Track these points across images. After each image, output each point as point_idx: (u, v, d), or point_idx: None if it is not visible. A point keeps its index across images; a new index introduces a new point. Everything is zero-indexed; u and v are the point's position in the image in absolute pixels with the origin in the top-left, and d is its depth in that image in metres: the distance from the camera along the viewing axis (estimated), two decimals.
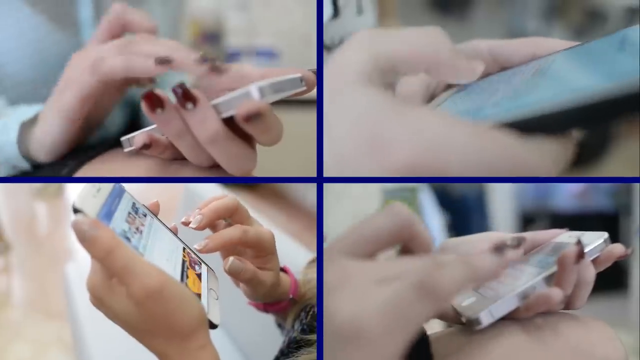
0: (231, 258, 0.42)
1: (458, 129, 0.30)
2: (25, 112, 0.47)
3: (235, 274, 0.43)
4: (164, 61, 0.41)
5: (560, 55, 0.35)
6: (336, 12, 0.51)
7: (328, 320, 0.26)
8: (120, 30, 0.46)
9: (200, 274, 0.40)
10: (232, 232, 0.42)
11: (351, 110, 0.31)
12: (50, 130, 0.45)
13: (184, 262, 0.38)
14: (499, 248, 0.28)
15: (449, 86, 0.40)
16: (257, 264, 0.44)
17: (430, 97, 0.40)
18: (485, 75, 0.38)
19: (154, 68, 0.41)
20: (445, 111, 0.36)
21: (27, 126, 0.46)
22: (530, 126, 0.30)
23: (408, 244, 0.32)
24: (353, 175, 0.31)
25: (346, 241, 0.30)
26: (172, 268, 0.37)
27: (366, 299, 0.26)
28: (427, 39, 0.34)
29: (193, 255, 0.41)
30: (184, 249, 0.40)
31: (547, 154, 0.30)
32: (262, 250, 0.44)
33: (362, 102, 0.31)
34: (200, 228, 0.42)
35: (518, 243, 0.30)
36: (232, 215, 0.44)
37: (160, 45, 0.43)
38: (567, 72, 0.32)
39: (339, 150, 0.31)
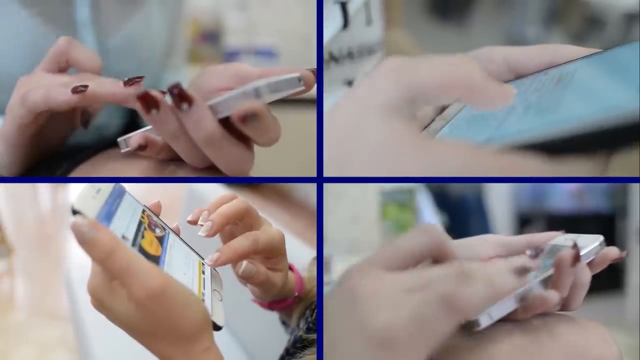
0: (244, 262, 0.41)
1: (478, 158, 0.30)
2: None
3: (248, 278, 0.42)
4: (79, 89, 0.40)
5: (582, 64, 0.34)
6: (346, 23, 0.51)
7: (362, 327, 0.28)
8: (66, 65, 0.45)
9: (163, 236, 0.38)
10: (243, 243, 0.40)
11: (372, 139, 0.31)
12: None
13: (141, 222, 0.37)
14: (522, 271, 0.30)
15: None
16: (268, 265, 0.44)
17: (440, 110, 0.40)
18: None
19: (69, 97, 0.40)
20: (456, 126, 0.36)
21: None
22: (559, 147, 0.29)
23: (438, 262, 0.34)
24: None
25: (381, 256, 0.32)
26: (191, 282, 0.36)
27: (397, 308, 0.28)
28: (458, 67, 0.33)
29: (154, 218, 0.40)
30: (143, 210, 0.39)
31: (574, 174, 0.30)
32: (273, 253, 0.43)
33: (385, 131, 0.31)
34: (211, 235, 0.40)
35: (536, 256, 0.32)
36: (242, 219, 0.42)
37: (90, 79, 0.42)
38: (595, 84, 0.31)
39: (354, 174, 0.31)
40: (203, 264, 0.41)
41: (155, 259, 0.34)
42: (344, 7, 0.50)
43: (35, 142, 0.45)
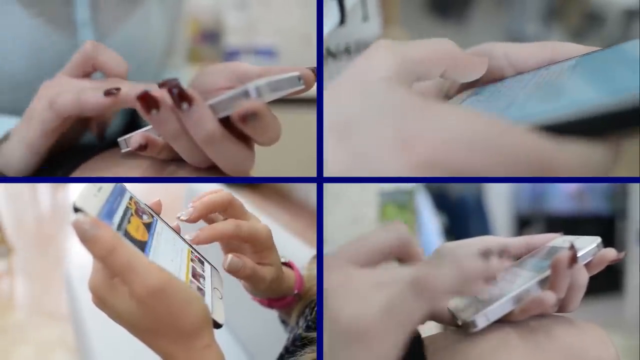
0: (229, 256, 0.42)
1: (482, 122, 0.30)
2: (3, 123, 0.46)
3: (234, 272, 0.43)
4: (111, 92, 0.40)
5: (584, 59, 0.34)
6: (343, 19, 0.51)
7: (331, 322, 0.28)
8: (91, 69, 0.45)
9: (150, 223, 0.39)
10: (224, 226, 0.42)
11: (380, 108, 0.31)
12: (15, 157, 0.44)
13: (127, 208, 0.37)
14: (486, 253, 0.31)
15: (461, 89, 0.40)
16: (256, 259, 0.44)
17: (444, 100, 0.40)
18: (502, 78, 0.38)
19: (102, 100, 0.40)
20: None
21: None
22: (562, 129, 0.29)
23: (403, 261, 0.35)
24: (374, 172, 0.31)
25: (349, 251, 0.33)
26: (178, 269, 0.37)
27: (365, 301, 0.28)
28: (440, 44, 0.35)
29: (141, 205, 0.40)
30: (130, 197, 0.39)
31: (580, 157, 0.29)
32: (258, 245, 0.44)
33: (389, 97, 0.31)
34: (191, 221, 0.41)
35: (501, 251, 0.32)
36: (226, 210, 0.43)
37: (118, 84, 0.42)
38: (600, 72, 0.31)
39: (362, 147, 0.31)
40: (202, 261, 0.41)
41: (142, 245, 0.35)
42: (341, 3, 0.50)
43: (51, 148, 0.45)
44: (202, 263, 0.41)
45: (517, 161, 0.29)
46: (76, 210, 0.32)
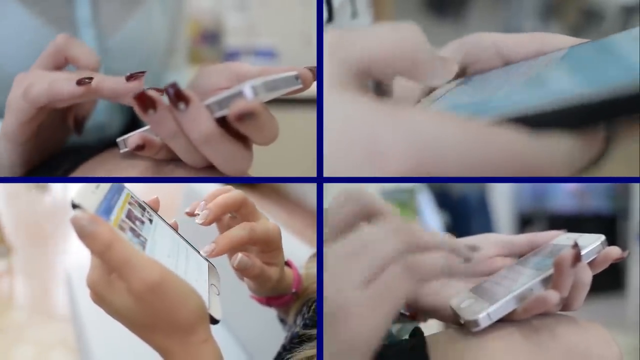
0: (239, 255, 0.42)
1: (453, 126, 0.28)
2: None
3: (243, 271, 0.43)
4: (83, 81, 0.40)
5: (573, 49, 0.33)
6: (331, 16, 0.50)
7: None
8: (63, 62, 0.45)
9: (149, 220, 0.39)
10: (239, 233, 0.41)
11: (335, 118, 0.30)
12: (0, 152, 0.44)
13: (125, 205, 0.37)
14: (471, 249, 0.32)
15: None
16: (264, 259, 0.44)
17: (428, 91, 0.38)
18: (489, 69, 0.37)
19: (75, 89, 0.40)
20: (444, 105, 0.35)
21: None
22: (542, 120, 0.28)
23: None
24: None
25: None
26: (175, 265, 0.37)
27: (342, 276, 0.28)
28: (401, 38, 0.31)
29: (139, 202, 0.40)
30: (129, 195, 0.39)
31: (559, 152, 0.28)
32: (269, 245, 0.44)
33: (347, 108, 0.30)
34: (207, 224, 0.41)
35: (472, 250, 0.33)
36: (239, 210, 0.43)
37: (92, 75, 0.42)
38: (586, 62, 0.30)
39: (334, 159, 0.30)
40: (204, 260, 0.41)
41: (139, 241, 0.35)
42: (328, 0, 0.49)
43: (35, 142, 0.45)
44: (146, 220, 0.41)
45: (496, 162, 0.28)
46: (74, 206, 0.32)
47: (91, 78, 0.40)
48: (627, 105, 0.27)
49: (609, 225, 2.37)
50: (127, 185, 0.39)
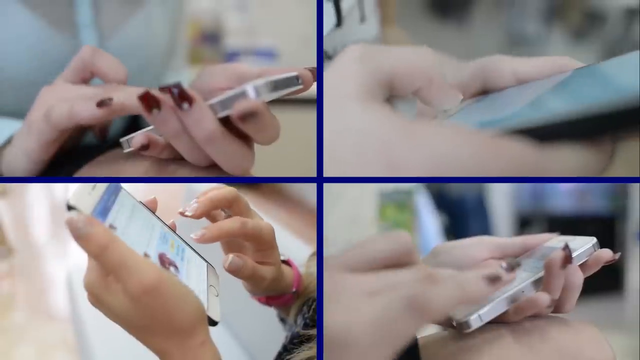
0: (231, 256, 0.42)
1: (467, 139, 0.29)
2: (7, 127, 0.47)
3: (234, 272, 0.43)
4: (104, 102, 0.40)
5: (584, 69, 0.34)
6: (339, 21, 0.50)
7: (323, 327, 0.27)
8: (89, 76, 0.45)
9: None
10: (230, 224, 0.42)
11: (354, 127, 0.30)
12: (16, 164, 0.44)
13: (122, 206, 0.37)
14: (494, 280, 0.29)
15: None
16: (258, 258, 0.44)
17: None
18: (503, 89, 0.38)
19: (95, 112, 0.40)
20: (458, 121, 0.36)
21: (1, 146, 0.46)
22: (552, 132, 0.29)
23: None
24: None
25: (346, 258, 0.31)
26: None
27: (357, 310, 0.27)
28: (423, 59, 0.33)
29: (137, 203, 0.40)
30: (126, 196, 0.39)
31: (569, 162, 0.29)
32: (262, 243, 0.44)
33: (366, 119, 0.30)
34: (196, 216, 0.41)
35: (512, 269, 0.31)
36: (230, 206, 0.43)
37: (115, 90, 0.41)
38: (596, 78, 0.31)
39: (344, 169, 0.30)
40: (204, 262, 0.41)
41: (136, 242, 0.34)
42: (337, 5, 0.49)
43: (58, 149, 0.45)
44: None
45: (507, 171, 0.28)
46: (70, 208, 0.32)
47: (111, 98, 0.40)
48: (618, 120, 0.27)
49: (608, 226, 2.37)
50: (123, 185, 0.39)
